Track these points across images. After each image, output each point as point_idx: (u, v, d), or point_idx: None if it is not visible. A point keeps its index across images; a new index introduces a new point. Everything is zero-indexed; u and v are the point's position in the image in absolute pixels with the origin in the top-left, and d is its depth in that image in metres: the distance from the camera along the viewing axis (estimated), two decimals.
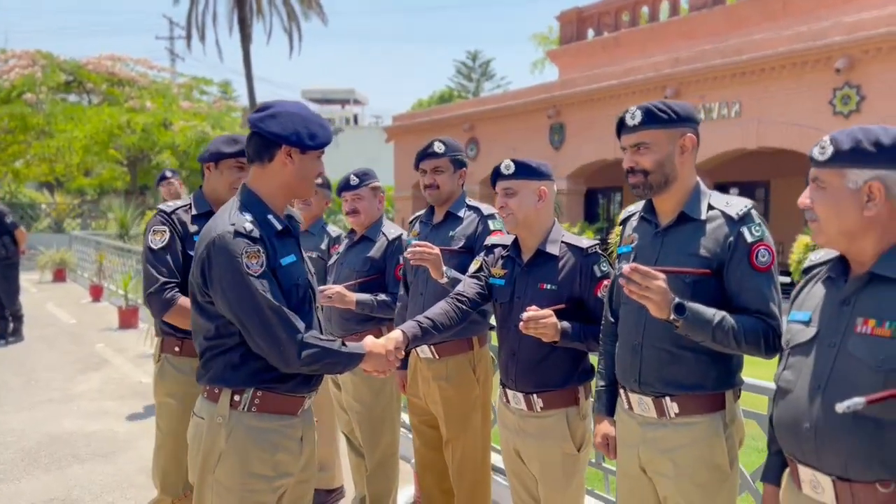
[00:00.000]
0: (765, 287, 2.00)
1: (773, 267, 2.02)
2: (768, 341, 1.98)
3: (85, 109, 19.61)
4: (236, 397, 2.07)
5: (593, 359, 2.57)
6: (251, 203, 2.12)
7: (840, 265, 1.71)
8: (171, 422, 2.81)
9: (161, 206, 2.89)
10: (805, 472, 1.67)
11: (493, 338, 3.29)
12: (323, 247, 3.85)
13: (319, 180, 3.67)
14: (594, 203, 19.66)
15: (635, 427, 2.18)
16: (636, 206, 2.30)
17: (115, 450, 4.89)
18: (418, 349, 3.17)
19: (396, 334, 2.36)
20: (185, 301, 2.64)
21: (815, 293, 1.74)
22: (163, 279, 2.68)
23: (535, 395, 2.53)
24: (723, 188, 17.06)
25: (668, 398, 2.09)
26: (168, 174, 6.24)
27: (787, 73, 11.64)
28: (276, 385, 2.09)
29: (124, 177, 22.18)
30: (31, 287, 13.25)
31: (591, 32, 19.79)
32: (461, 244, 3.12)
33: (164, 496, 2.84)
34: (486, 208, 3.18)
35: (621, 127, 2.14)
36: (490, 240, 2.88)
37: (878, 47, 10.46)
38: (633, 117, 2.09)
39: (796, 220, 12.80)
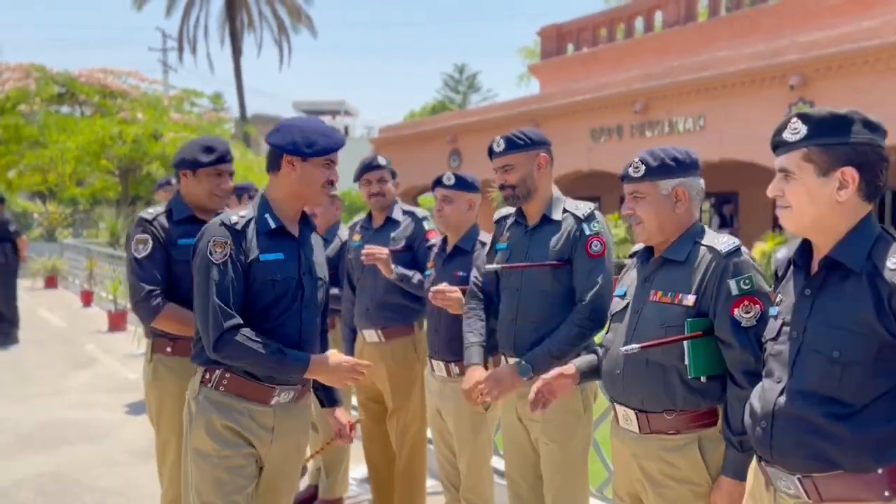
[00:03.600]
0: (594, 272, 2.57)
1: (604, 255, 2.58)
2: (584, 332, 2.55)
3: (77, 121, 19.99)
4: (207, 375, 2.24)
5: None
6: (259, 203, 2.30)
7: (646, 252, 2.25)
8: (171, 422, 2.80)
9: (142, 215, 2.92)
10: (619, 409, 2.20)
11: None
12: (328, 252, 4.12)
13: (335, 189, 3.98)
14: None
15: None
16: (507, 210, 2.87)
17: (101, 434, 5.36)
18: (366, 335, 3.68)
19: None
20: (172, 307, 2.76)
21: (632, 274, 2.29)
22: (148, 287, 2.75)
23: (452, 364, 3.06)
24: None
25: None
26: (173, 181, 5.86)
27: (746, 88, 12.26)
28: (244, 371, 2.21)
29: (116, 187, 22.54)
30: (24, 293, 13.70)
31: (570, 48, 20.43)
32: (402, 244, 3.64)
33: (172, 503, 2.83)
34: (420, 212, 3.71)
35: (491, 153, 2.69)
36: (430, 241, 3.50)
37: (828, 66, 11.09)
38: (499, 145, 2.67)
39: (764, 227, 13.37)
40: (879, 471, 1.57)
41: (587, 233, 2.59)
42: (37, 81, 20.00)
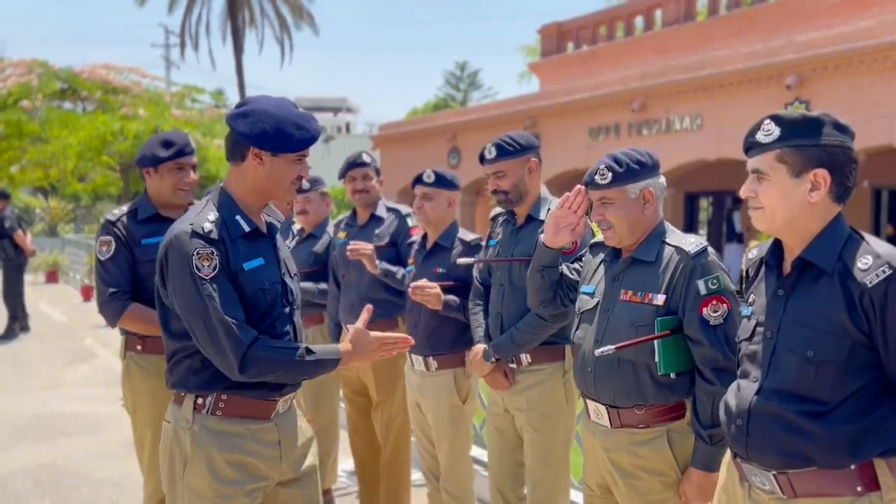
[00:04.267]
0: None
1: (571, 255, 2.64)
2: (543, 322, 2.64)
3: (79, 116, 20.08)
4: (199, 400, 2.00)
5: None
6: (222, 202, 2.03)
7: (613, 252, 2.32)
8: (145, 417, 2.84)
9: (106, 216, 2.92)
10: (591, 405, 2.27)
11: None
12: (317, 248, 4.07)
13: (306, 184, 4.01)
14: None
15: None
16: (499, 209, 2.96)
17: (98, 427, 5.45)
18: (348, 328, 3.75)
19: None
20: (136, 307, 2.76)
21: (599, 272, 2.35)
22: (111, 289, 2.77)
23: (431, 358, 3.14)
24: (693, 198, 17.74)
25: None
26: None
27: (743, 88, 12.30)
28: (243, 390, 2.00)
29: (117, 182, 22.63)
30: (26, 288, 13.81)
31: (570, 46, 20.45)
32: (386, 241, 3.72)
33: (153, 493, 2.85)
34: (404, 209, 3.79)
35: (482, 159, 2.77)
36: (413, 237, 3.56)
37: (824, 65, 11.13)
38: (490, 152, 2.75)
39: None
40: (852, 466, 1.62)
41: None
42: (39, 77, 20.07)
